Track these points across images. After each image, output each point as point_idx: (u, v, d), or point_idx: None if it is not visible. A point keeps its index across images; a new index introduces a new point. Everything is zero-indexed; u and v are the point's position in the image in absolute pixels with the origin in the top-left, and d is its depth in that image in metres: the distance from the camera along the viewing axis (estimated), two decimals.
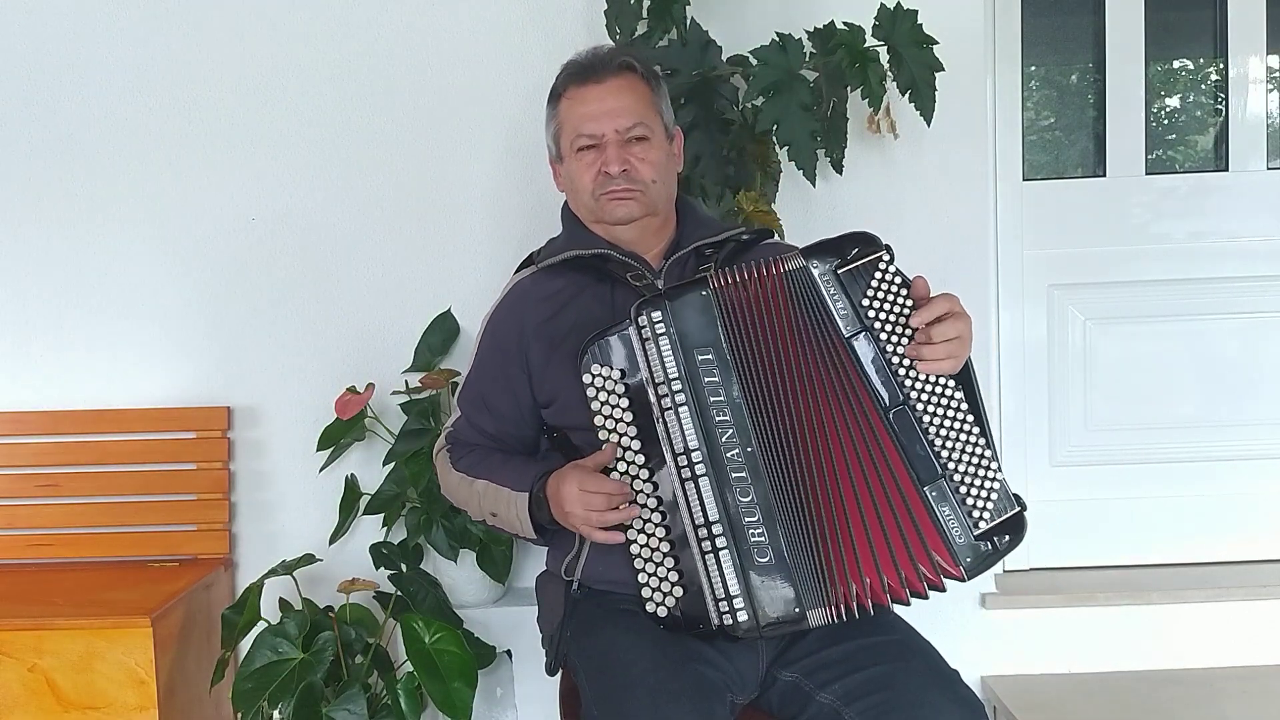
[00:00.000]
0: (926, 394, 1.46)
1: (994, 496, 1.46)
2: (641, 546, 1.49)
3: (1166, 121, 2.58)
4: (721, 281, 1.48)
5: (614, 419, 1.50)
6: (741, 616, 1.43)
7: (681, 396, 1.46)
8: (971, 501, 1.45)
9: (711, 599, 1.44)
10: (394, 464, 2.16)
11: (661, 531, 1.48)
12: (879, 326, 1.46)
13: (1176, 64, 2.60)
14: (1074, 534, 2.49)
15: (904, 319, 1.46)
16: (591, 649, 1.52)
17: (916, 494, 1.45)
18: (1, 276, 2.35)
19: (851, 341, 1.46)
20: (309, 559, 2.10)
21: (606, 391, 1.50)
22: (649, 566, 1.49)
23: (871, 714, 1.39)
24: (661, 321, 1.47)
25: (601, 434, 1.51)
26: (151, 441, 2.32)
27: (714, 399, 1.46)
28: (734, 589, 1.43)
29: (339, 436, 2.20)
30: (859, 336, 1.46)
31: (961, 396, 1.47)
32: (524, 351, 1.65)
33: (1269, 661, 2.35)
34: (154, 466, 2.32)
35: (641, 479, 1.49)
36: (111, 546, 2.31)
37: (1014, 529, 1.46)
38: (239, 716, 1.93)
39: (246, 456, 2.36)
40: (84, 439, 2.32)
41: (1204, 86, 2.56)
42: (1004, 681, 2.32)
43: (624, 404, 1.50)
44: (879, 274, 1.47)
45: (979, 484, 1.45)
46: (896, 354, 1.46)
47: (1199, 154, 2.56)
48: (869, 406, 1.46)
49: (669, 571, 1.48)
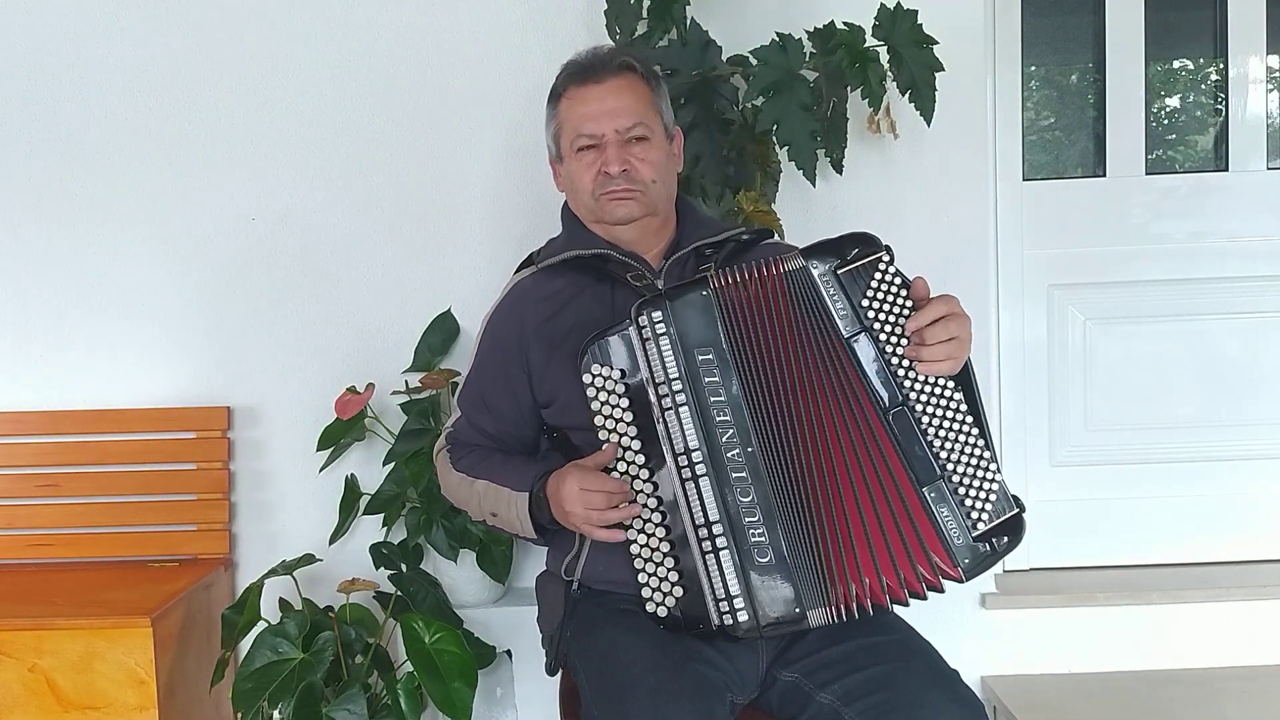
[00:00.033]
0: (926, 395, 1.46)
1: (992, 498, 1.45)
2: (641, 546, 1.49)
3: (1166, 121, 2.58)
4: (722, 281, 1.48)
5: (614, 419, 1.50)
6: (742, 616, 1.43)
7: (682, 396, 1.46)
8: (970, 503, 1.45)
9: (712, 599, 1.44)
10: (394, 464, 2.16)
11: (661, 531, 1.48)
12: (878, 327, 1.46)
13: (1176, 64, 2.59)
14: (1074, 534, 2.49)
15: (903, 320, 1.46)
16: (591, 649, 1.52)
17: (915, 495, 1.45)
18: (1, 276, 2.35)
19: (851, 342, 1.46)
20: (309, 559, 2.10)
21: (607, 391, 1.50)
22: (649, 566, 1.48)
23: (871, 714, 1.39)
24: (662, 321, 1.47)
25: (601, 434, 1.51)
26: (151, 441, 2.32)
27: (714, 399, 1.46)
28: (734, 589, 1.43)
29: (339, 436, 2.20)
30: (858, 337, 1.46)
31: (961, 398, 1.47)
32: (524, 351, 1.65)
33: (1269, 661, 2.35)
34: (154, 466, 2.32)
35: (641, 479, 1.49)
36: (111, 546, 2.31)
37: (1012, 530, 1.46)
38: (239, 716, 1.93)
39: (246, 456, 2.36)
40: (84, 439, 2.32)
41: (1204, 86, 2.56)
42: (1004, 681, 2.32)
43: (624, 404, 1.50)
44: (879, 275, 1.47)
45: (977, 485, 1.45)
46: (896, 355, 1.46)
47: (1199, 154, 2.56)
48: (868, 407, 1.46)
49: (669, 571, 1.48)
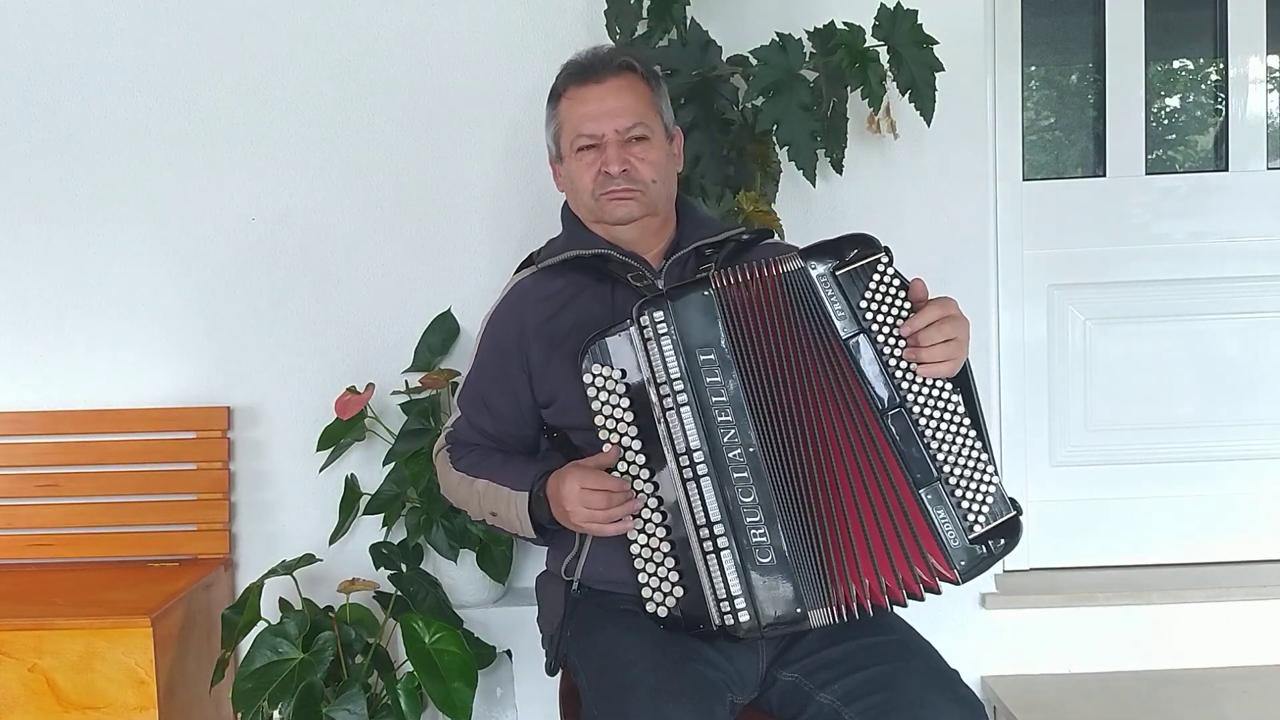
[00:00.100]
0: (924, 397, 1.45)
1: (989, 500, 1.45)
2: (642, 547, 1.49)
3: (1166, 121, 2.58)
4: (723, 282, 1.48)
5: (614, 419, 1.50)
6: (743, 617, 1.43)
7: (683, 396, 1.46)
8: (967, 505, 1.45)
9: (712, 599, 1.44)
10: (394, 464, 2.16)
11: (662, 532, 1.48)
12: (876, 329, 1.46)
13: (1176, 64, 2.59)
14: (1074, 534, 2.49)
15: (902, 321, 1.45)
16: (591, 649, 1.52)
17: (912, 496, 1.45)
18: (1, 276, 2.35)
19: (849, 343, 1.46)
20: (309, 559, 2.10)
21: (607, 391, 1.50)
22: (649, 566, 1.48)
23: (871, 714, 1.39)
24: (663, 321, 1.47)
25: (602, 434, 1.51)
26: (151, 441, 2.32)
27: (715, 399, 1.46)
28: (735, 589, 1.43)
29: (339, 436, 2.20)
30: (857, 338, 1.46)
31: (959, 400, 1.46)
32: (524, 352, 1.65)
33: (1269, 661, 2.35)
34: (154, 466, 2.32)
35: (642, 479, 1.49)
36: (111, 546, 2.31)
37: (1009, 533, 1.46)
38: (239, 716, 1.93)
39: (246, 456, 2.36)
40: (84, 439, 2.32)
41: (1204, 86, 2.56)
42: (1004, 681, 2.32)
43: (624, 404, 1.49)
44: (877, 276, 1.47)
45: (975, 487, 1.45)
46: (894, 356, 1.45)
47: (1199, 154, 2.56)
48: (865, 408, 1.45)
49: (669, 572, 1.47)
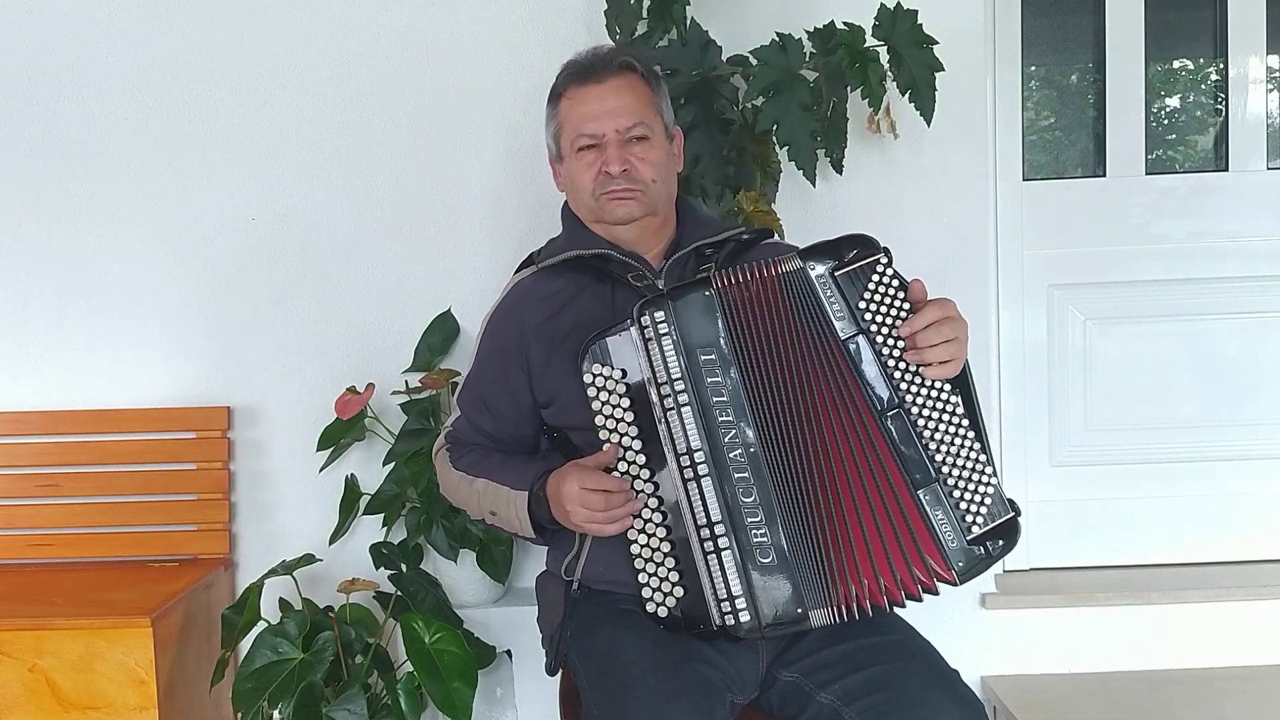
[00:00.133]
0: (922, 398, 1.45)
1: (988, 501, 1.45)
2: (642, 547, 1.49)
3: (1166, 121, 2.58)
4: (724, 281, 1.48)
5: (615, 419, 1.50)
6: (744, 617, 1.43)
7: (684, 396, 1.45)
8: (965, 506, 1.45)
9: (713, 599, 1.44)
10: (394, 464, 2.16)
11: (662, 532, 1.48)
12: (875, 329, 1.45)
13: (1176, 64, 2.59)
14: (1074, 534, 2.49)
15: (901, 322, 1.45)
16: (591, 649, 1.51)
17: (910, 497, 1.44)
18: (1, 276, 2.35)
19: (847, 344, 1.46)
20: (309, 559, 2.10)
21: (607, 391, 1.50)
22: (649, 567, 1.48)
23: (871, 714, 1.39)
24: (664, 321, 1.46)
25: (602, 434, 1.50)
26: (151, 441, 2.32)
27: (716, 399, 1.46)
28: (736, 589, 1.43)
29: (339, 436, 2.20)
30: (855, 339, 1.45)
31: (958, 401, 1.46)
32: (524, 352, 1.65)
33: (1269, 661, 2.35)
34: (154, 466, 2.32)
35: (642, 479, 1.49)
36: (111, 546, 2.31)
37: (1007, 534, 1.46)
38: (239, 716, 1.93)
39: (246, 456, 2.36)
40: (84, 439, 2.32)
41: (1204, 86, 2.56)
42: (1004, 681, 2.32)
43: (625, 404, 1.49)
44: (876, 277, 1.46)
45: (973, 488, 1.45)
46: (893, 357, 1.45)
47: (1199, 154, 2.56)
48: (864, 409, 1.45)
49: (669, 572, 1.47)
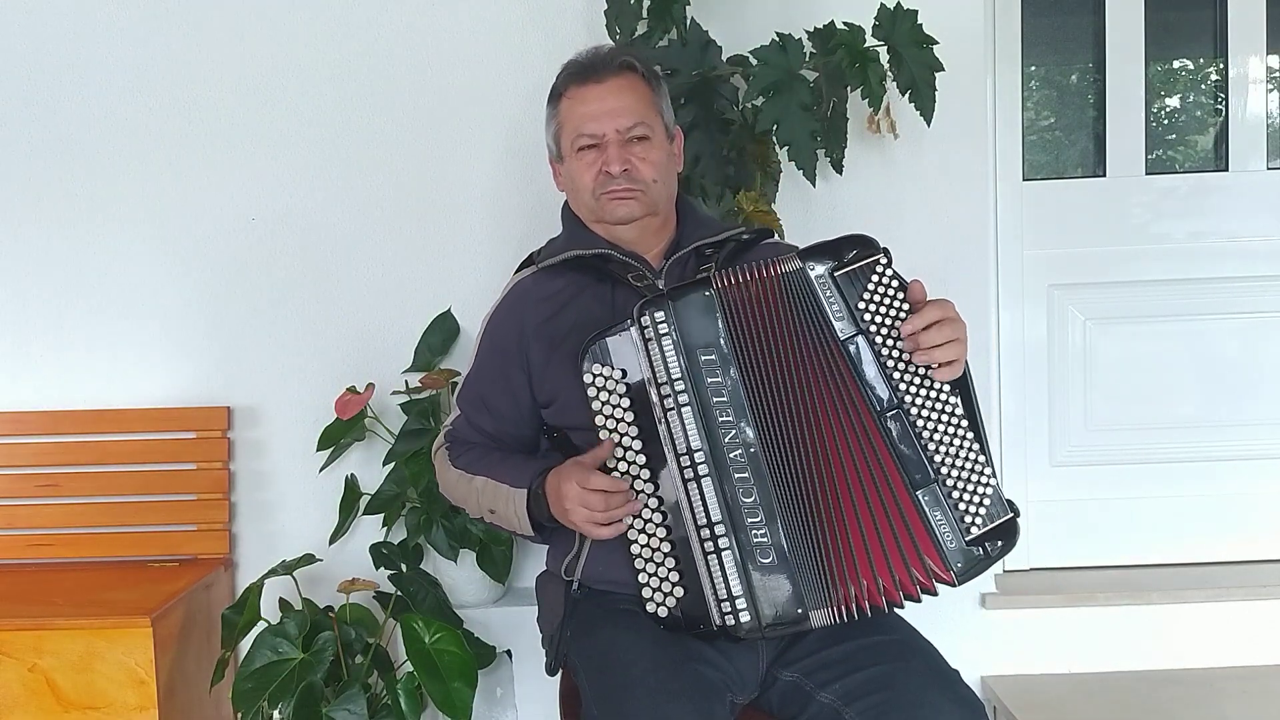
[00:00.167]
0: (922, 398, 1.45)
1: (986, 502, 1.45)
2: (642, 547, 1.49)
3: (1166, 121, 2.58)
4: (724, 282, 1.48)
5: (615, 419, 1.50)
6: (744, 617, 1.43)
7: (685, 397, 1.45)
8: (964, 507, 1.45)
9: (713, 599, 1.44)
10: (394, 464, 2.16)
11: (662, 532, 1.48)
12: (874, 330, 1.45)
13: (1176, 64, 2.59)
14: (1074, 534, 2.49)
15: (900, 323, 1.45)
16: (591, 649, 1.51)
17: (909, 497, 1.44)
18: (1, 276, 2.35)
19: (847, 345, 1.45)
20: (309, 559, 2.10)
21: (607, 391, 1.50)
22: (649, 567, 1.48)
23: (872, 714, 1.39)
24: (664, 321, 1.46)
25: (602, 434, 1.50)
26: (151, 441, 2.32)
27: (716, 399, 1.46)
28: (736, 589, 1.43)
29: (339, 436, 2.20)
30: (855, 339, 1.45)
31: (957, 401, 1.46)
32: (524, 352, 1.65)
33: (1269, 661, 2.35)
34: (154, 466, 2.32)
35: (642, 479, 1.49)
36: (111, 546, 2.31)
37: (1006, 535, 1.46)
38: (239, 716, 1.93)
39: (246, 456, 2.36)
40: (84, 439, 2.32)
41: (1204, 86, 2.56)
42: (1004, 681, 2.32)
43: (625, 404, 1.49)
44: (875, 277, 1.46)
45: (972, 489, 1.45)
46: (892, 357, 1.45)
47: (1199, 154, 2.56)
48: (863, 409, 1.45)
49: (669, 572, 1.47)
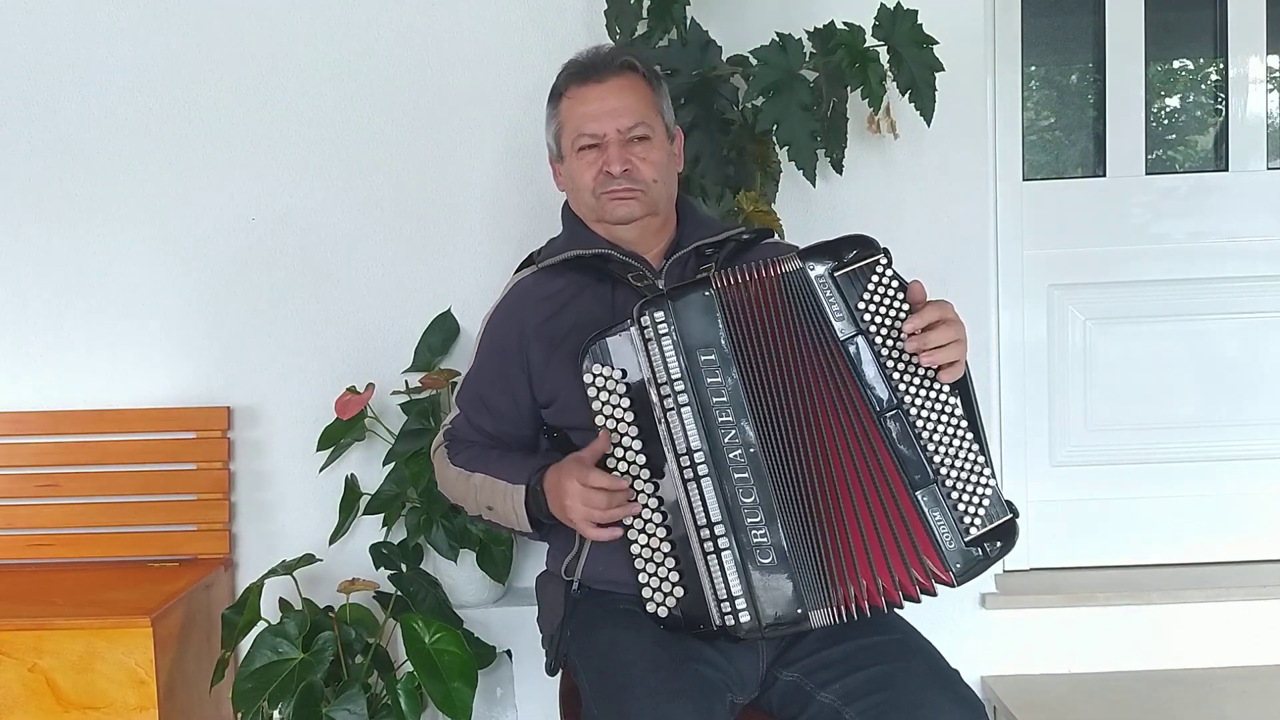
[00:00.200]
0: (921, 399, 1.45)
1: (985, 503, 1.45)
2: (642, 547, 1.49)
3: (1166, 121, 2.58)
4: (724, 282, 1.48)
5: (615, 419, 1.50)
6: (744, 617, 1.43)
7: (684, 397, 1.45)
8: (963, 507, 1.45)
9: (713, 599, 1.44)
10: (394, 464, 2.16)
11: (662, 532, 1.48)
12: (874, 330, 1.45)
13: (1176, 64, 2.59)
14: (1074, 534, 2.49)
15: (900, 323, 1.45)
16: (591, 649, 1.51)
17: (908, 498, 1.44)
18: (1, 276, 2.35)
19: (846, 345, 1.45)
20: (309, 559, 2.10)
21: (607, 391, 1.50)
22: (649, 567, 1.48)
23: (872, 714, 1.39)
24: (664, 321, 1.46)
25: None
26: (151, 441, 2.32)
27: (716, 399, 1.46)
28: (736, 589, 1.43)
29: (339, 436, 2.20)
30: (855, 340, 1.45)
31: (956, 402, 1.46)
32: (524, 352, 1.65)
33: (1269, 661, 2.35)
34: (154, 466, 2.32)
35: (642, 479, 1.49)
36: (111, 546, 2.31)
37: (1005, 536, 1.46)
38: (239, 716, 1.93)
39: (246, 456, 2.36)
40: (84, 439, 2.32)
41: (1204, 86, 2.56)
42: (1004, 681, 2.32)
43: (625, 404, 1.49)
44: (875, 277, 1.46)
45: (971, 490, 1.45)
46: (892, 358, 1.45)
47: (1199, 154, 2.56)
48: (863, 409, 1.45)
49: (669, 572, 1.47)
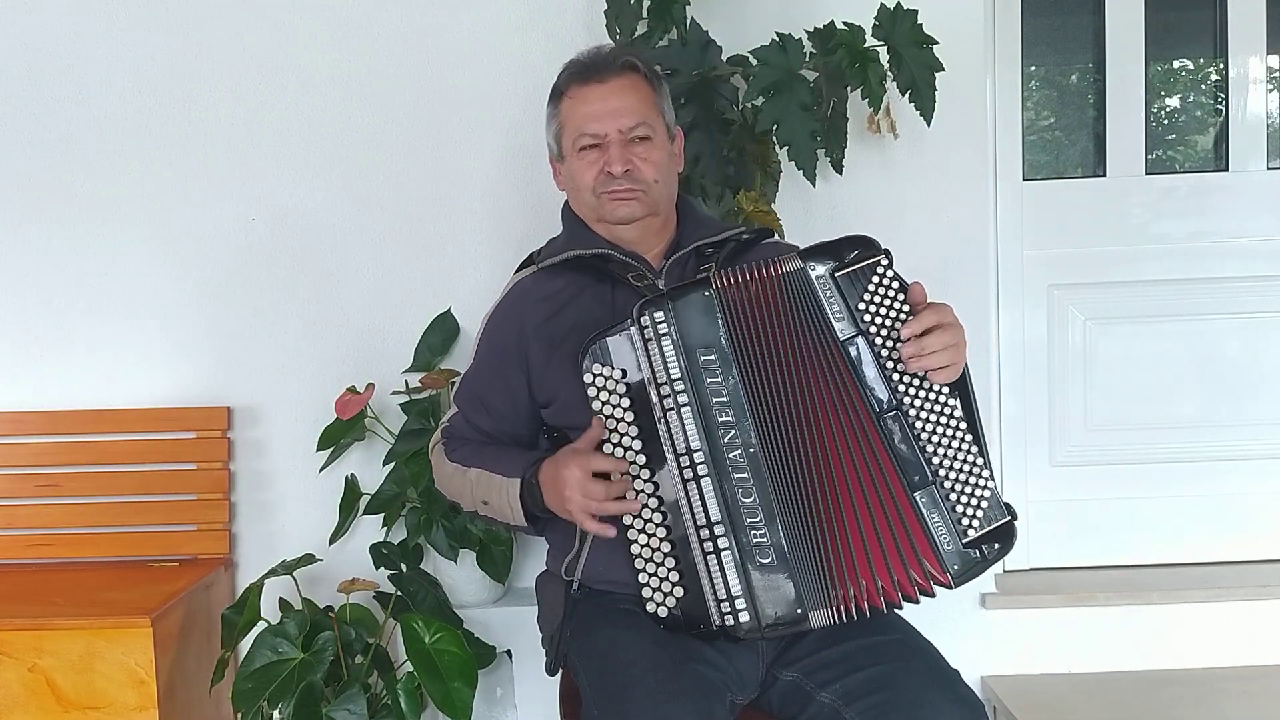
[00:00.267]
0: (920, 400, 1.45)
1: (984, 504, 1.45)
2: (642, 547, 1.49)
3: (1166, 121, 2.58)
4: (724, 282, 1.48)
5: (615, 419, 1.50)
6: (743, 617, 1.43)
7: (684, 397, 1.45)
8: (961, 509, 1.44)
9: (713, 599, 1.44)
10: (394, 464, 2.16)
11: (662, 532, 1.48)
12: (874, 331, 1.45)
13: (1176, 64, 2.60)
14: (1074, 534, 2.49)
15: (900, 324, 1.45)
16: (591, 649, 1.51)
17: (907, 499, 1.44)
18: (1, 276, 2.35)
19: (847, 346, 1.45)
20: (309, 559, 2.10)
21: (607, 391, 1.50)
22: (649, 567, 1.48)
23: (872, 714, 1.39)
24: (664, 321, 1.46)
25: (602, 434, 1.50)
26: (151, 441, 2.32)
27: (716, 399, 1.46)
28: (735, 589, 1.43)
29: (339, 436, 2.20)
30: (855, 340, 1.45)
31: (956, 403, 1.46)
32: (523, 352, 1.65)
33: (1269, 661, 2.35)
34: (154, 466, 2.32)
35: (642, 479, 1.49)
36: (111, 546, 2.31)
37: (1003, 538, 1.46)
38: (239, 716, 1.93)
39: (246, 456, 2.36)
40: (84, 439, 2.32)
41: (1204, 86, 2.56)
42: (1004, 681, 2.32)
43: (625, 404, 1.49)
44: (876, 278, 1.46)
45: (969, 492, 1.45)
46: (892, 359, 1.45)
47: (1199, 154, 2.56)
48: (862, 410, 1.45)
49: (669, 572, 1.47)
